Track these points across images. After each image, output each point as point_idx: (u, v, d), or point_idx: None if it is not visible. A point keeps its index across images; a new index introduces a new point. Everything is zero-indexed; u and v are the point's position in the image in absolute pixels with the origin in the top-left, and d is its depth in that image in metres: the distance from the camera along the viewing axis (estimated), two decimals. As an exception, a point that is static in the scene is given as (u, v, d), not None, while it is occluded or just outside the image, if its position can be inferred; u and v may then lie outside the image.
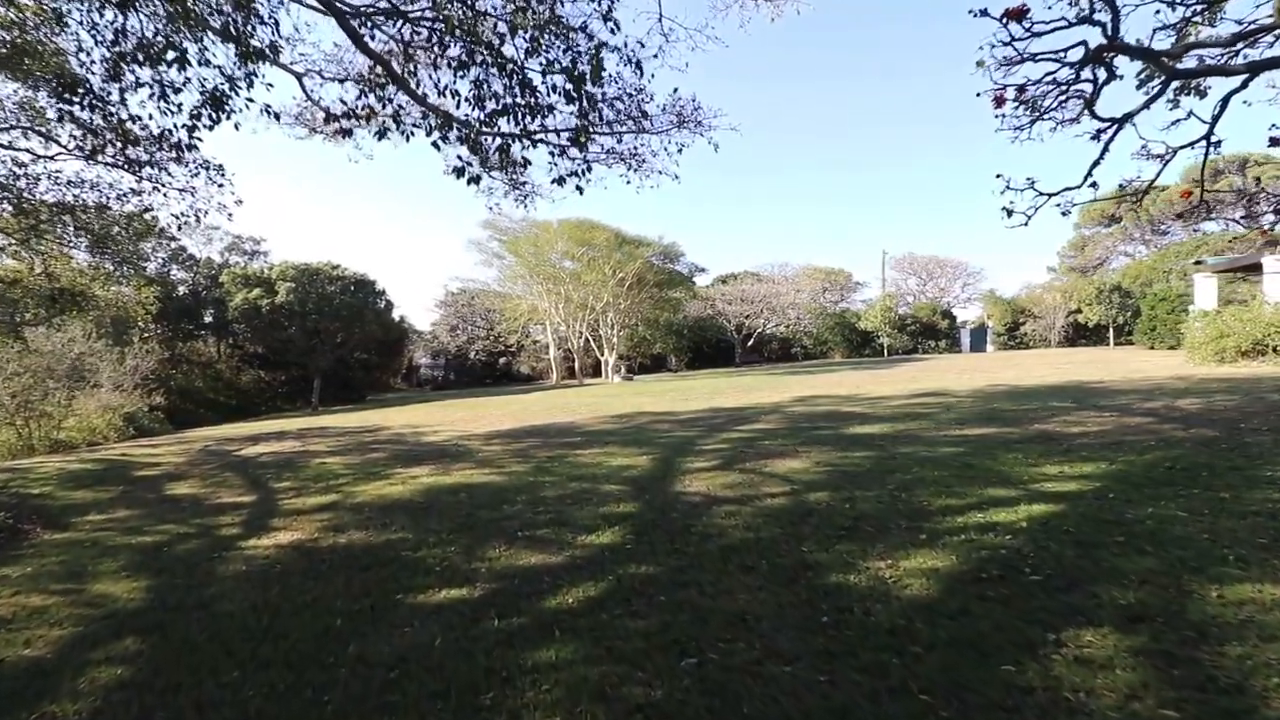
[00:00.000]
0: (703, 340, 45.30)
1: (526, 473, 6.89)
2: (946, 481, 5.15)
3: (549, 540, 4.54)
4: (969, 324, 43.72)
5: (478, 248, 31.58)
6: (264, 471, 8.47)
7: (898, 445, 6.76)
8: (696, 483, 5.84)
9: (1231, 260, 19.01)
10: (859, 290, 51.21)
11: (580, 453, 7.92)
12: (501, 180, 10.10)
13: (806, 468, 6.07)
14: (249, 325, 29.16)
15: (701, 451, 7.38)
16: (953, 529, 4.07)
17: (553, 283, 30.25)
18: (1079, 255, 47.74)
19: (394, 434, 11.80)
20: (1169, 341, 30.38)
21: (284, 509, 6.22)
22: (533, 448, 8.65)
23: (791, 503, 4.95)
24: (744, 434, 8.45)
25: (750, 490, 5.42)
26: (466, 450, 8.87)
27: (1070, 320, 37.21)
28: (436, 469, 7.52)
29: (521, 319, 34.95)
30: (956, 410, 8.95)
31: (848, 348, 43.35)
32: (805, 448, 7.01)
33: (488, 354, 46.26)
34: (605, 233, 29.27)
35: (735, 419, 10.11)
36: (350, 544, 4.86)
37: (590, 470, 6.76)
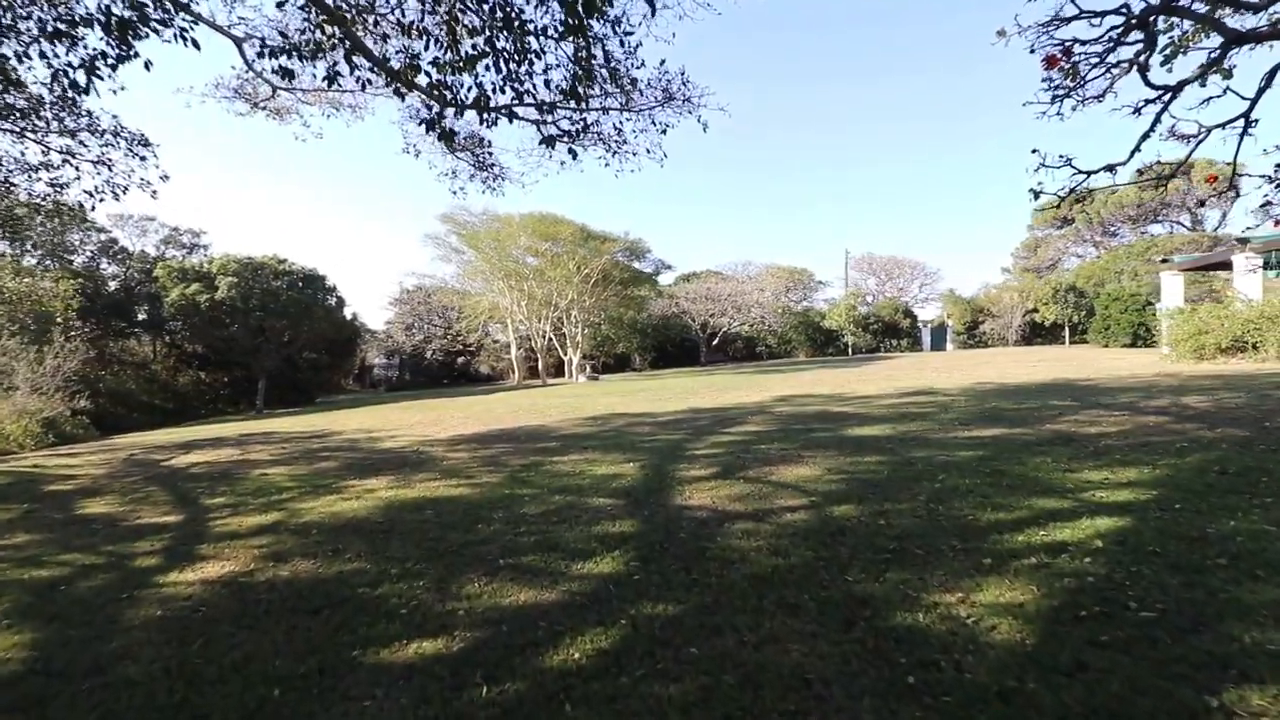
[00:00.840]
0: (667, 339, 44.83)
1: (500, 484, 6.11)
2: (982, 491, 4.60)
3: (538, 570, 3.80)
4: (929, 323, 44.35)
5: (435, 242, 30.33)
6: (195, 485, 7.45)
7: (909, 449, 6.23)
8: (698, 494, 5.17)
9: (1200, 258, 19.43)
10: (821, 290, 51.54)
11: (558, 460, 7.16)
12: (467, 161, 9.26)
13: (818, 475, 5.46)
14: (187, 323, 27.34)
15: (694, 458, 6.71)
16: (1016, 550, 3.50)
17: (515, 279, 29.20)
18: (1032, 256, 49.07)
19: (346, 440, 10.80)
20: (1122, 340, 31.24)
21: (215, 531, 5.30)
22: (504, 454, 7.85)
23: (815, 518, 4.32)
24: (735, 437, 7.82)
25: (763, 503, 4.77)
26: (429, 458, 8.01)
27: (1027, 319, 38.06)
28: (396, 480, 6.66)
29: (481, 317, 33.77)
30: (955, 410, 8.52)
31: (811, 347, 43.46)
32: (809, 452, 6.42)
33: (445, 353, 44.85)
34: (570, 227, 28.39)
35: (720, 420, 9.49)
36: (294, 578, 4.02)
37: (573, 481, 6.02)
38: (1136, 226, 43.60)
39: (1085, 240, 46.68)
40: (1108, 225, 44.21)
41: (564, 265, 28.37)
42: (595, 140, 8.70)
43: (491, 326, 41.67)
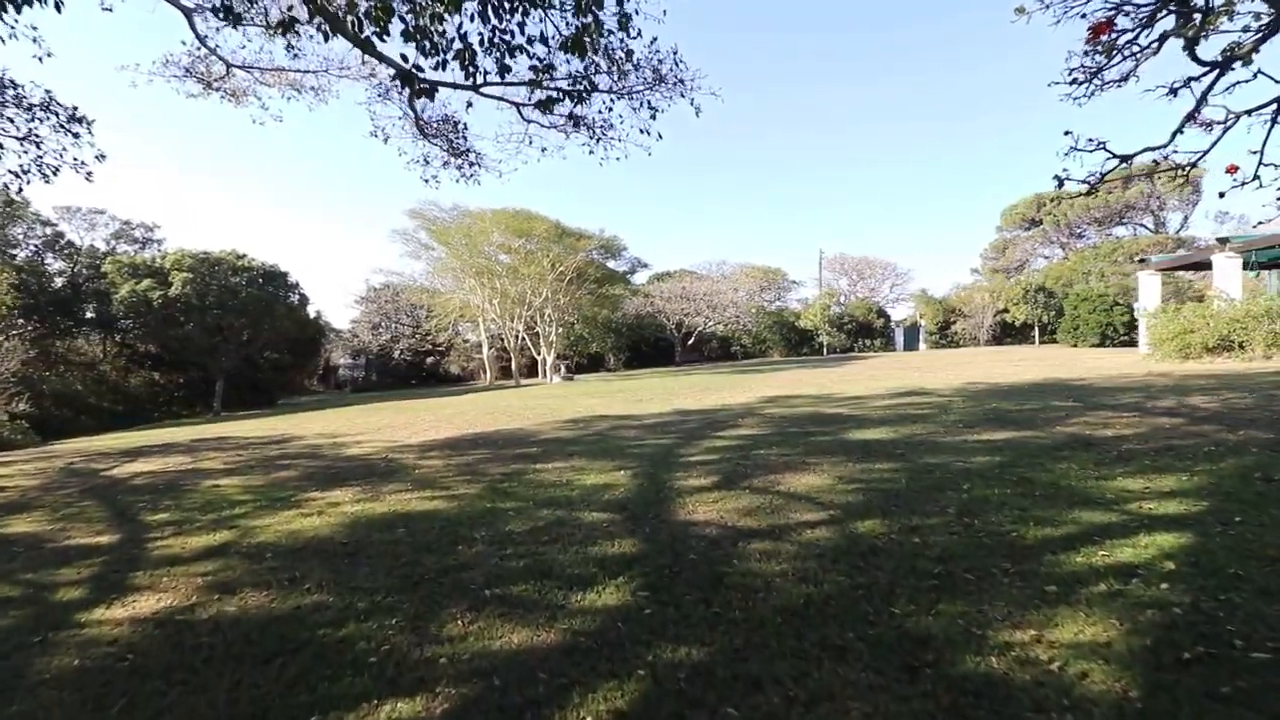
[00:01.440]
0: (641, 339, 44.37)
1: (480, 496, 5.55)
2: (1016, 502, 4.21)
3: (531, 603, 3.28)
4: (902, 323, 44.71)
5: (403, 238, 29.30)
6: (137, 499, 6.72)
7: (920, 454, 5.84)
8: (702, 507, 4.69)
9: (1177, 258, 19.66)
10: (794, 289, 51.64)
11: (542, 468, 6.62)
12: (440, 147, 8.65)
13: (830, 484, 5.03)
14: (139, 321, 25.97)
15: (690, 465, 6.24)
16: (1078, 573, 3.09)
17: (487, 276, 28.39)
18: (1001, 257, 49.87)
19: (308, 445, 10.07)
20: (1090, 340, 31.79)
21: (154, 555, 4.65)
22: (481, 462, 7.28)
23: (840, 536, 3.87)
24: (730, 441, 7.37)
25: (776, 518, 4.31)
26: (399, 466, 7.40)
27: (998, 319, 38.57)
28: (363, 493, 6.05)
29: (452, 316, 32.84)
30: (955, 412, 8.20)
31: (786, 346, 43.45)
32: (813, 458, 6.00)
33: (414, 353, 43.73)
34: (544, 223, 27.71)
35: (710, 423, 9.05)
36: (243, 615, 3.43)
37: (561, 492, 5.49)
38: (1102, 228, 44.59)
39: (1052, 242, 47.60)
40: (1074, 227, 45.13)
41: (538, 262, 27.68)
42: (577, 127, 8.19)
43: (462, 326, 40.73)
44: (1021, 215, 48.21)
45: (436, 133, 8.26)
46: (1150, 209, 43.01)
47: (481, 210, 27.67)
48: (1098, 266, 34.86)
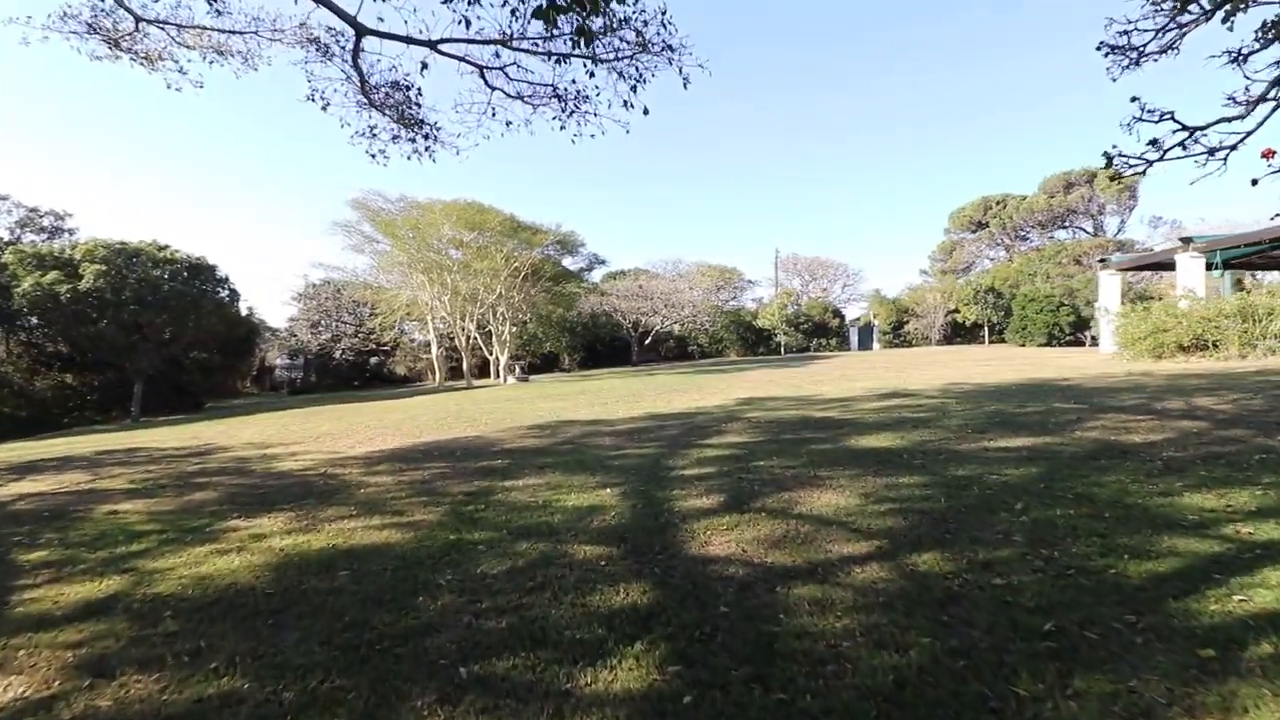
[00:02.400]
0: (596, 338, 43.49)
1: (442, 524, 4.63)
2: (1088, 526, 3.60)
3: (525, 688, 2.43)
4: (856, 322, 45.18)
5: (345, 231, 27.49)
6: (13, 531, 5.50)
7: (942, 465, 5.23)
8: (716, 537, 3.92)
9: (1139, 258, 20.05)
10: (749, 289, 51.65)
11: (512, 485, 5.73)
12: (390, 117, 7.63)
13: (858, 505, 4.33)
14: (45, 317, 23.55)
15: (685, 480, 5.46)
16: (1227, 629, 2.45)
17: (436, 272, 26.94)
18: (949, 259, 51.08)
19: (234, 458, 8.85)
20: (1038, 339, 32.61)
21: (15, 615, 3.58)
22: (439, 478, 6.32)
23: (900, 576, 3.16)
24: (721, 451, 6.63)
25: (812, 551, 3.58)
26: (341, 484, 6.37)
27: (949, 319, 39.31)
28: (296, 520, 5.04)
29: (399, 313, 31.21)
30: (955, 415, 7.69)
31: (742, 346, 43.30)
32: (824, 471, 5.31)
33: (357, 353, 41.66)
34: (498, 216, 26.45)
35: (691, 429, 8.30)
36: (120, 712, 2.47)
37: (540, 518, 4.63)
38: (1044, 231, 46.13)
39: (998, 244, 49.02)
40: (1019, 230, 46.57)
41: (491, 258, 26.42)
42: (547, 98, 7.32)
43: (409, 324, 38.99)
44: (969, 218, 49.52)
45: (385, 100, 7.23)
46: (1090, 213, 44.76)
47: (431, 201, 26.23)
48: (1043, 268, 35.88)
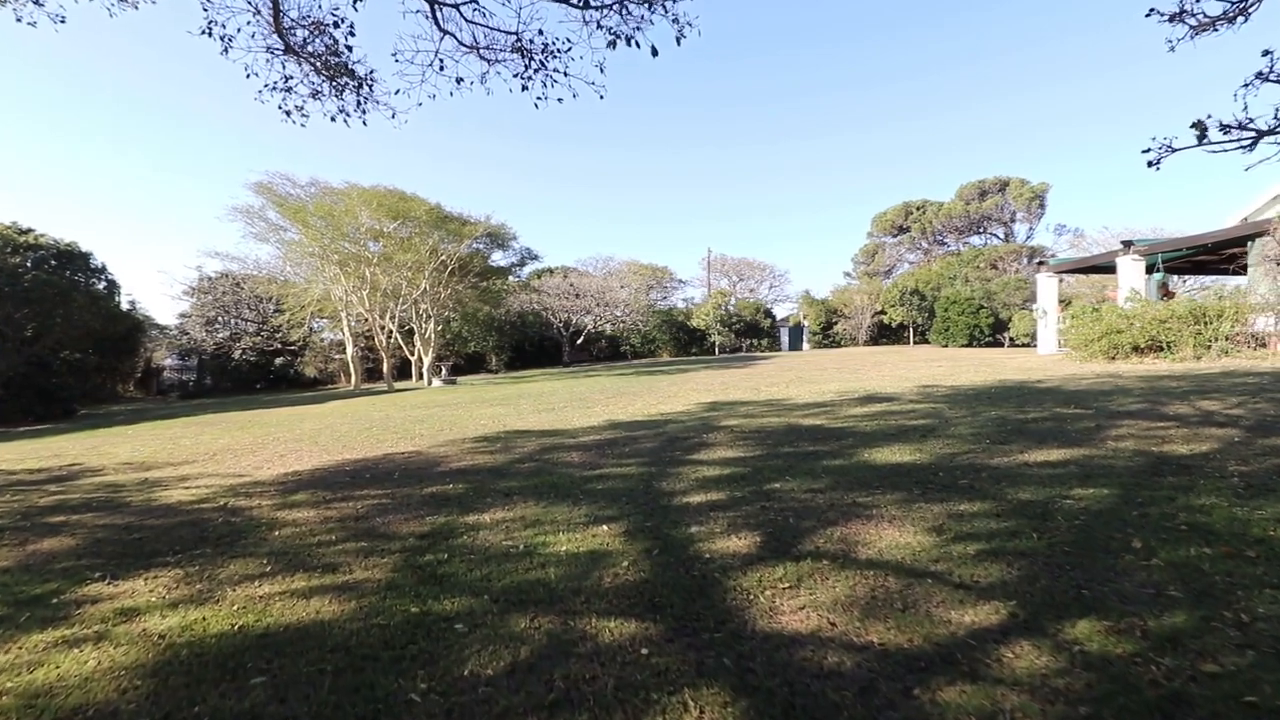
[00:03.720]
0: (525, 338, 41.81)
1: (395, 585, 3.44)
2: (1244, 572, 2.89)
3: None
4: (786, 323, 45.63)
5: (246, 217, 24.69)
6: None
7: (995, 486, 4.49)
8: (782, 600, 2.96)
9: (1077, 260, 20.65)
10: (680, 289, 51.32)
11: (477, 521, 4.57)
12: (312, 66, 6.23)
13: (935, 544, 3.49)
14: None
15: (695, 511, 4.47)
16: None
17: (353, 264, 24.68)
18: (871, 261, 52.64)
19: (106, 484, 7.13)
20: (960, 340, 33.78)
21: None
22: (379, 511, 5.05)
23: (1073, 663, 2.30)
24: (718, 469, 5.69)
25: (924, 622, 2.67)
26: (248, 522, 4.99)
27: (876, 320, 40.27)
28: (187, 581, 3.70)
29: (309, 309, 28.51)
30: (960, 423, 7.08)
31: (675, 346, 42.81)
32: (858, 495, 4.47)
33: (260, 353, 38.13)
34: (423, 205, 24.49)
35: (668, 441, 7.33)
36: None
37: (529, 572, 3.52)
38: (961, 236, 48.28)
39: (918, 248, 50.94)
40: (937, 235, 48.54)
41: (416, 250, 24.45)
42: (508, 50, 6.17)
43: (320, 321, 36.02)
44: (891, 222, 51.23)
45: (305, 43, 5.84)
46: (1002, 220, 47.20)
47: (348, 186, 23.98)
48: (962, 271, 37.33)
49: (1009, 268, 37.24)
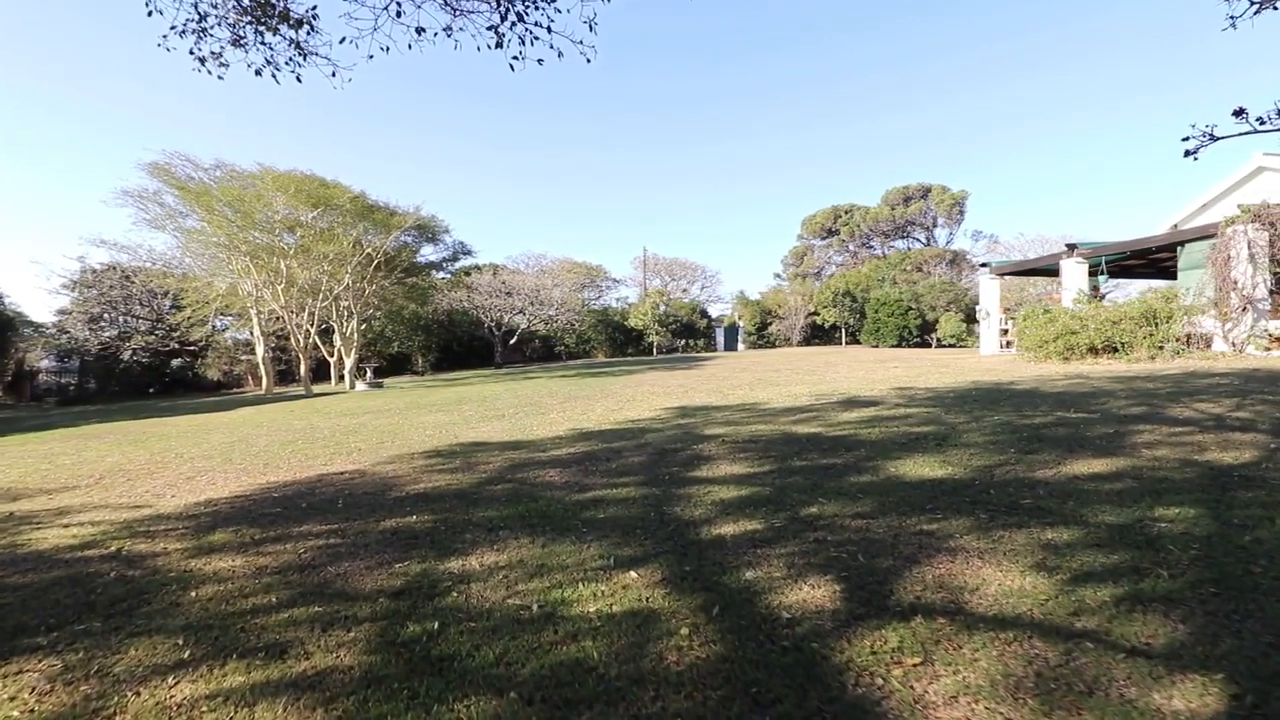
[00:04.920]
0: (454, 338, 39.93)
1: (375, 680, 2.50)
2: None
3: None
4: (721, 323, 45.72)
5: (139, 201, 21.97)
6: None
7: (1067, 506, 3.98)
8: (924, 684, 2.25)
9: (1018, 263, 21.22)
10: (614, 288, 50.57)
11: (463, 569, 3.64)
12: (235, 4, 5.07)
13: (1060, 590, 2.87)
14: None
15: (735, 547, 3.71)
16: None
17: (266, 256, 22.46)
18: (801, 263, 53.68)
19: (-48, 522, 5.64)
20: (890, 340, 34.70)
21: None
22: (329, 557, 4.01)
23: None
24: (734, 489, 4.95)
25: (1121, 712, 2.03)
26: (151, 577, 3.84)
27: (809, 321, 40.90)
28: (65, 683, 2.61)
29: (213, 305, 25.85)
30: (969, 430, 6.65)
31: (611, 347, 42.02)
32: (923, 522, 3.85)
33: (154, 354, 34.64)
34: (346, 194, 22.57)
35: (657, 455, 6.54)
36: None
37: (563, 650, 2.66)
38: (887, 240, 49.95)
39: (846, 250, 52.35)
40: (865, 238, 50.02)
41: (339, 242, 22.50)
42: (482, -1, 5.24)
43: (224, 319, 32.99)
44: (820, 225, 52.44)
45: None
46: (925, 225, 49.16)
47: (261, 170, 21.76)
48: (890, 274, 38.47)
49: (933, 270, 38.73)
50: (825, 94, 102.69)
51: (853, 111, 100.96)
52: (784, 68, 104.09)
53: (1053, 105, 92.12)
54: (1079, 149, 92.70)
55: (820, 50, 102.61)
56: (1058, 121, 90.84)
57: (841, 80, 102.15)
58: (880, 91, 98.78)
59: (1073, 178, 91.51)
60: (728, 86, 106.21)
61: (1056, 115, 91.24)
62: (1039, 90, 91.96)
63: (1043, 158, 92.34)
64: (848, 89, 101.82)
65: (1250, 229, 12.78)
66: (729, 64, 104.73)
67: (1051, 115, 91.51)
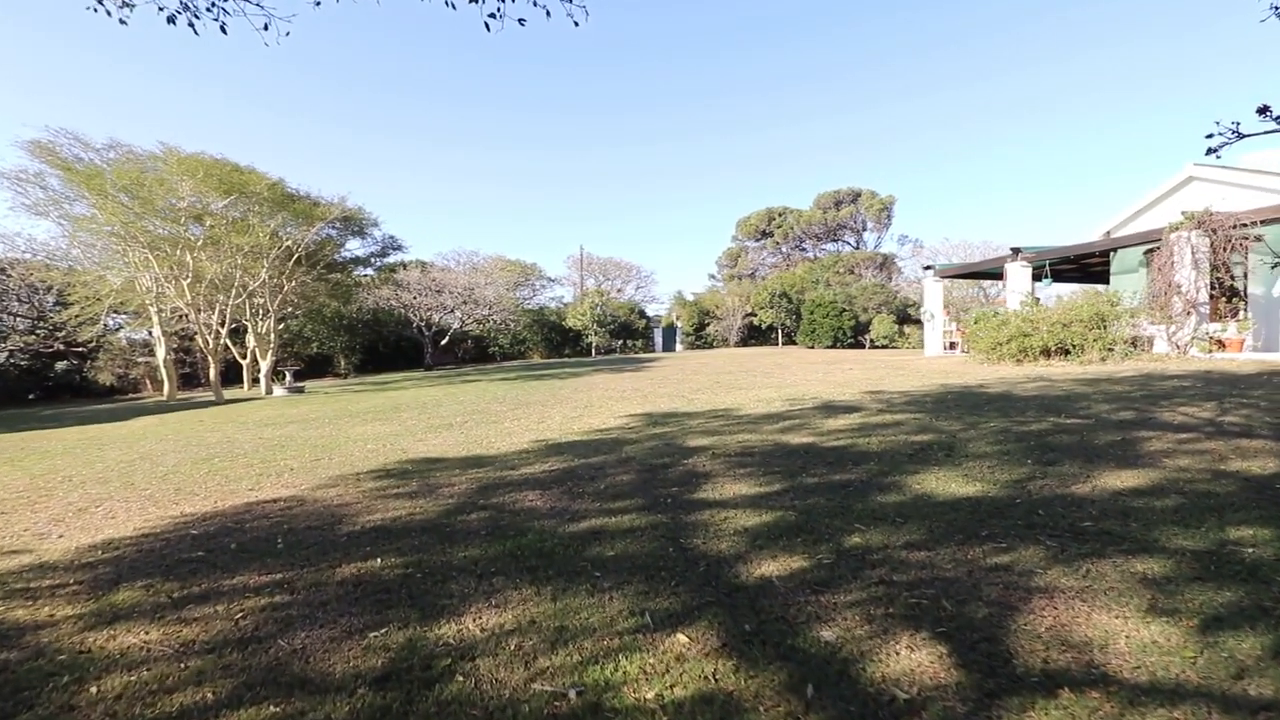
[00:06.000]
0: (379, 338, 37.82)
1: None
2: None
3: None
4: (658, 322, 45.40)
5: (17, 185, 19.29)
6: None
7: (1129, 526, 3.62)
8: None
9: (962, 266, 21.67)
10: (549, 287, 49.39)
11: (454, 636, 2.90)
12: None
13: (1207, 646, 2.44)
14: None
15: (789, 593, 3.13)
16: None
17: (169, 248, 20.24)
18: (735, 264, 54.16)
19: None
20: (825, 341, 35.32)
21: None
22: (277, 623, 3.17)
23: None
24: (758, 515, 4.38)
25: None
26: (34, 662, 2.89)
27: (746, 322, 41.16)
28: None
29: (106, 302, 23.18)
30: (970, 438, 6.33)
31: (547, 348, 40.92)
32: (994, 554, 3.39)
33: (34, 356, 30.98)
34: (264, 180, 20.64)
35: (650, 472, 5.89)
36: None
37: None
38: (818, 243, 51.07)
39: (779, 252, 53.19)
40: (798, 240, 50.95)
41: (255, 234, 20.55)
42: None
43: (119, 317, 29.89)
44: (754, 227, 53.07)
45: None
46: (855, 228, 50.59)
47: (164, 150, 19.55)
48: (824, 276, 39.24)
49: (864, 273, 39.82)
50: (758, 98, 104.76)
51: (785, 115, 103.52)
52: (717, 71, 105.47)
53: (972, 113, 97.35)
54: (1000, 155, 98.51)
55: (752, 55, 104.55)
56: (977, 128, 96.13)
57: (773, 85, 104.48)
58: (811, 96, 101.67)
59: (996, 183, 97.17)
60: (662, 88, 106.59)
61: (975, 123, 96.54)
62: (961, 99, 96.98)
63: (964, 164, 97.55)
64: (779, 93, 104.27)
65: (1193, 235, 13.48)
66: (661, 65, 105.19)
67: (971, 123, 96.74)
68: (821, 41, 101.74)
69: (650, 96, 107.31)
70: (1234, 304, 14.43)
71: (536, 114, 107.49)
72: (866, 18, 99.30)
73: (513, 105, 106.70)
